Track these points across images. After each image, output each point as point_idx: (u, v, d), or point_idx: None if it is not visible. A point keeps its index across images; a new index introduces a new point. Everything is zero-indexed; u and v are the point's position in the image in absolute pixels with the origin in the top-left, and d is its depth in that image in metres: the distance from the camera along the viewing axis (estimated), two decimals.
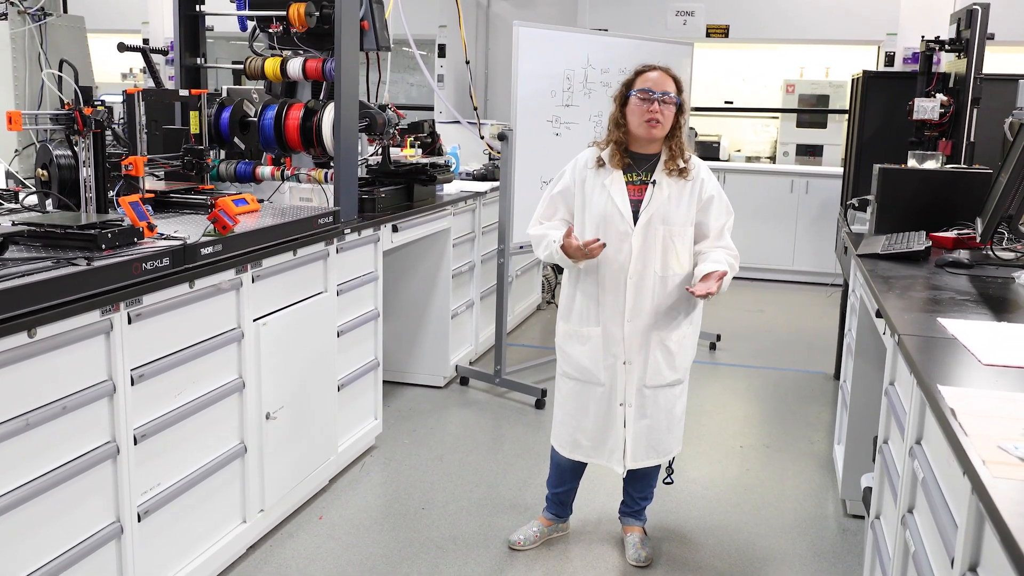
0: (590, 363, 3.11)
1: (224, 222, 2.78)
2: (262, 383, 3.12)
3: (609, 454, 3.14)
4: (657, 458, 3.18)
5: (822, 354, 5.89)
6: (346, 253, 3.67)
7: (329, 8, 3.72)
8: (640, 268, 3.00)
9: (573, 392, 3.17)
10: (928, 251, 3.30)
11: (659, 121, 2.94)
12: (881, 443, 2.68)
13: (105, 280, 2.33)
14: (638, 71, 3.04)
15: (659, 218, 2.99)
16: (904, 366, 2.40)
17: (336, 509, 3.59)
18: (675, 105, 2.98)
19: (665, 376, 3.09)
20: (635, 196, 3.02)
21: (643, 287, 3.01)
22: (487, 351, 5.67)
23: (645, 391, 3.09)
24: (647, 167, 3.03)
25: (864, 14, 8.00)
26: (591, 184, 3.06)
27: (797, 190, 8.22)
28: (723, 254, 3.02)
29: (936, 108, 4.40)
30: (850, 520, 3.63)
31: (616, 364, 3.07)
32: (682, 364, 3.13)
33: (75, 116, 2.57)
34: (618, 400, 3.10)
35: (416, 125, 4.83)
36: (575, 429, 3.18)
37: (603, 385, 3.10)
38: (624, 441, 3.11)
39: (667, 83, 2.98)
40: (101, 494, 2.44)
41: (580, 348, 3.13)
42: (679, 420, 3.19)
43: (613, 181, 3.02)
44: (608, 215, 3.01)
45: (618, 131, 3.03)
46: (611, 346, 3.07)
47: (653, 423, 3.12)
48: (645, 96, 2.95)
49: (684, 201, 3.01)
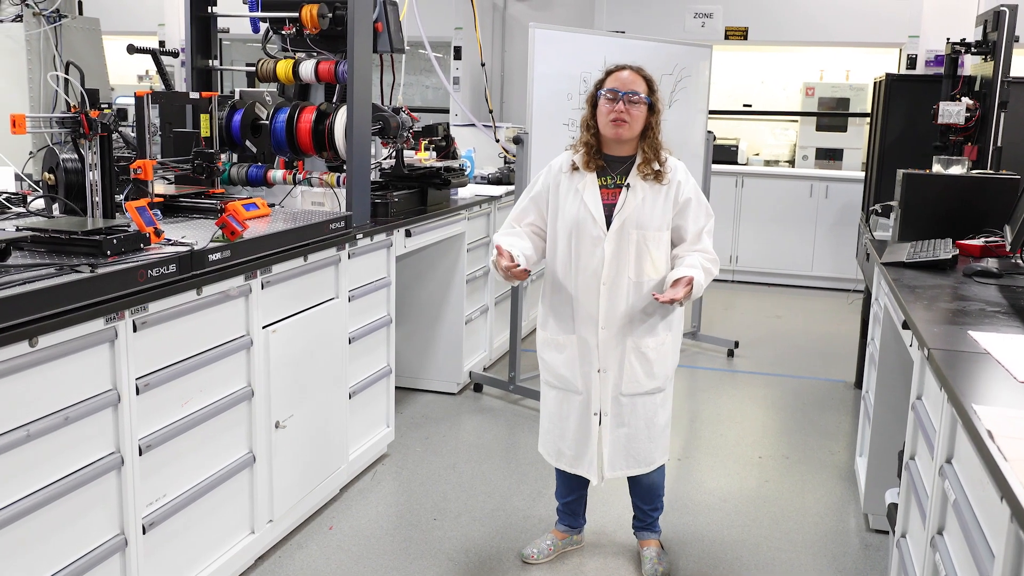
0: (567, 371, 3.04)
1: (232, 228, 2.73)
2: (271, 391, 3.06)
3: (588, 465, 3.07)
4: (638, 467, 3.09)
5: (842, 362, 5.80)
6: (358, 258, 3.61)
7: (342, 10, 3.67)
8: (613, 274, 2.92)
9: (555, 400, 3.11)
10: (955, 260, 3.21)
11: (625, 121, 2.86)
12: (908, 459, 2.59)
13: (110, 287, 2.28)
14: (608, 71, 2.97)
15: (632, 222, 2.91)
16: (933, 381, 2.31)
17: (346, 519, 3.52)
18: (645, 105, 2.89)
19: (643, 384, 3.01)
20: (608, 200, 2.94)
21: (616, 293, 2.94)
22: (500, 357, 5.60)
23: (622, 399, 3.01)
24: (621, 170, 2.96)
25: (885, 16, 7.88)
26: (565, 188, 2.99)
27: (816, 194, 8.11)
28: (698, 258, 2.93)
29: (962, 112, 4.29)
30: (873, 535, 3.53)
31: (591, 372, 3.00)
32: (661, 372, 3.04)
33: (81, 119, 2.51)
34: (593, 409, 3.02)
35: (431, 128, 4.77)
36: (558, 438, 3.12)
37: (580, 393, 3.03)
38: (599, 451, 3.04)
39: (636, 83, 2.89)
40: (105, 506, 2.39)
41: (558, 356, 3.06)
42: (662, 430, 3.10)
43: (586, 185, 2.94)
44: (580, 220, 2.93)
45: (587, 133, 2.96)
46: (586, 354, 3.00)
47: (632, 432, 3.04)
48: (612, 96, 2.88)
49: (659, 205, 2.93)
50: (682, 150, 3.04)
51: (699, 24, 8.23)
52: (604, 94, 2.90)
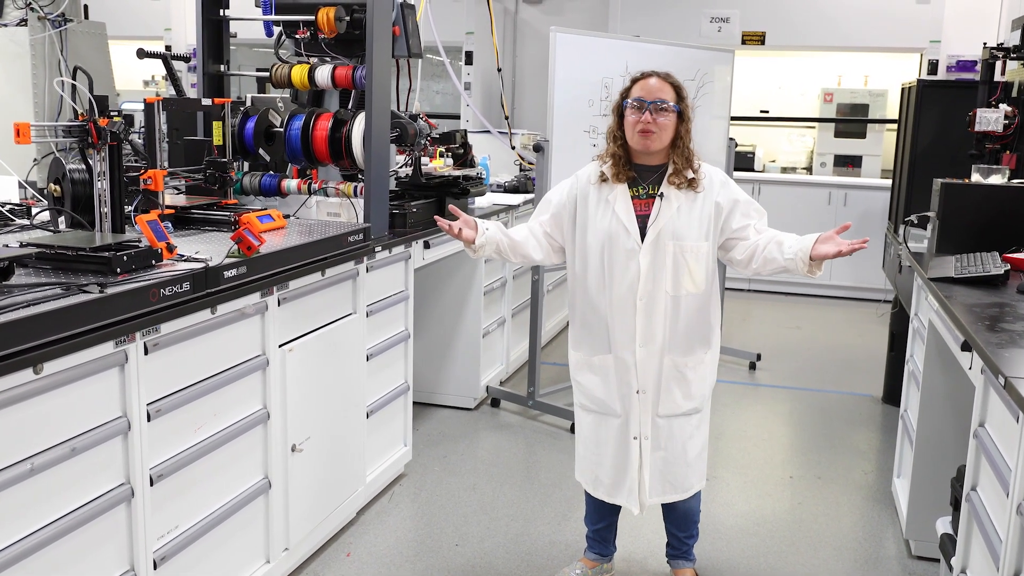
0: (604, 394, 2.88)
1: (249, 242, 2.58)
2: (288, 413, 2.91)
3: (627, 493, 2.90)
4: (675, 494, 2.92)
5: (867, 375, 5.63)
6: (376, 272, 3.46)
7: (360, 13, 3.52)
8: (650, 288, 2.76)
9: (592, 425, 2.94)
10: (1007, 275, 3.05)
11: (652, 132, 2.70)
12: (968, 490, 2.43)
13: (120, 308, 2.13)
14: (634, 78, 2.80)
15: (668, 233, 2.74)
16: (1001, 408, 2.16)
17: (364, 545, 3.37)
18: (673, 113, 2.73)
19: (680, 405, 2.85)
20: (642, 211, 2.77)
21: (654, 309, 2.77)
22: (517, 370, 5.45)
23: (659, 421, 2.85)
24: (653, 179, 2.79)
25: (906, 20, 7.73)
26: (594, 200, 2.82)
27: (835, 202, 7.96)
28: (785, 234, 2.74)
29: (1000, 119, 4.13)
30: (915, 563, 3.37)
31: (630, 394, 2.83)
32: (699, 392, 2.87)
33: (89, 128, 2.36)
34: (632, 433, 2.86)
35: (447, 135, 4.62)
36: (595, 465, 2.95)
37: (619, 416, 2.87)
38: (639, 477, 2.88)
39: (663, 90, 2.73)
40: (114, 541, 2.23)
41: (593, 378, 2.90)
42: (699, 453, 2.93)
43: (617, 196, 2.78)
44: (613, 232, 2.77)
45: (615, 144, 2.80)
46: (624, 374, 2.83)
47: (668, 455, 2.87)
48: (638, 105, 2.72)
49: (696, 214, 2.76)
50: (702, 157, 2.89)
51: (715, 29, 8.08)
52: (630, 103, 2.74)
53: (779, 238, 2.74)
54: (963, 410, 2.78)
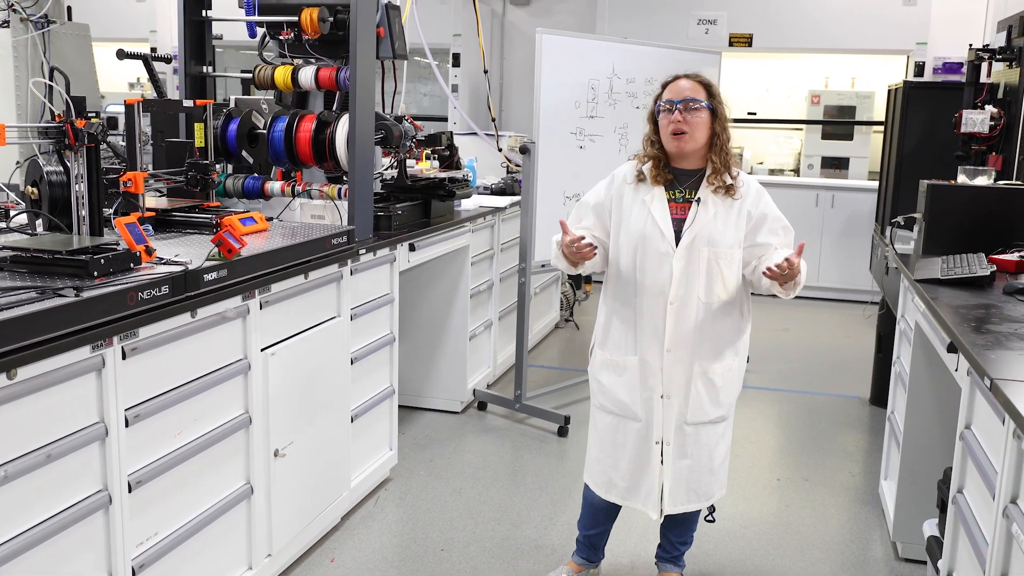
0: (626, 396, 2.85)
1: (230, 245, 2.54)
2: (270, 417, 2.88)
3: (645, 497, 2.88)
4: (698, 502, 2.90)
5: (854, 377, 5.63)
6: (360, 275, 3.43)
7: (344, 14, 3.49)
8: (682, 293, 2.74)
9: (609, 427, 2.91)
10: (993, 276, 3.04)
11: (684, 131, 2.68)
12: (955, 492, 2.42)
13: (96, 312, 2.09)
14: (664, 83, 2.79)
15: (703, 239, 2.72)
16: (987, 411, 2.15)
17: (348, 551, 3.33)
18: (706, 111, 2.70)
19: (708, 412, 2.83)
20: (677, 215, 2.75)
21: (685, 314, 2.75)
22: (505, 373, 5.42)
23: (686, 428, 2.82)
24: (690, 183, 2.77)
25: (892, 23, 7.74)
26: (629, 200, 2.80)
27: (823, 204, 7.96)
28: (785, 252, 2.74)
29: (986, 121, 4.13)
30: (903, 565, 3.36)
31: (653, 398, 2.81)
32: (727, 399, 2.86)
33: (66, 129, 2.33)
34: (655, 438, 2.83)
35: (433, 137, 4.59)
36: (610, 467, 2.92)
37: (640, 420, 2.84)
38: (661, 483, 2.85)
39: (692, 90, 2.71)
40: (91, 549, 2.20)
41: (616, 379, 2.86)
42: (723, 460, 2.92)
43: (654, 198, 2.76)
44: (647, 234, 2.75)
45: (652, 149, 2.79)
46: (648, 378, 2.80)
47: (694, 463, 2.85)
48: (668, 107, 2.70)
49: (732, 221, 2.75)
50: None
51: (703, 31, 8.08)
52: (662, 106, 2.72)
53: (781, 252, 2.72)
54: (950, 412, 2.77)
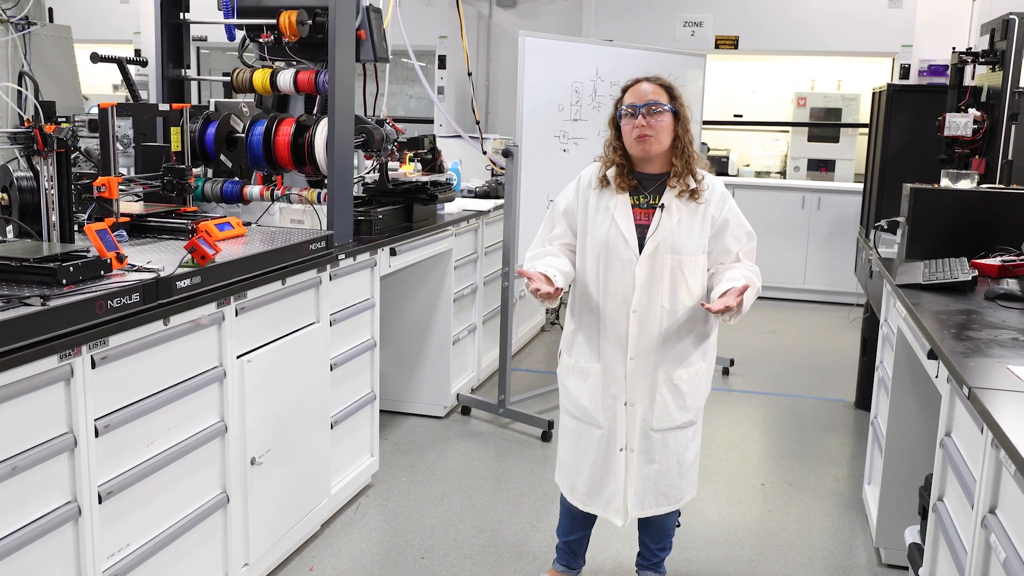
0: (589, 402, 2.83)
1: (203, 251, 2.51)
2: (246, 425, 2.84)
3: (606, 504, 2.86)
4: (668, 505, 2.88)
5: (839, 380, 5.62)
6: (340, 280, 3.40)
7: (323, 16, 3.46)
8: (645, 301, 2.72)
9: (573, 432, 2.90)
10: (975, 281, 3.03)
11: (649, 135, 2.66)
12: (935, 499, 2.41)
13: (64, 321, 2.05)
14: (624, 86, 2.76)
15: (667, 246, 2.70)
16: (966, 419, 2.13)
17: (328, 559, 3.30)
18: (669, 114, 2.68)
19: (675, 418, 2.81)
20: (642, 220, 2.73)
21: (648, 322, 2.73)
22: (489, 377, 5.39)
23: (653, 435, 2.80)
24: (655, 188, 2.75)
25: (878, 25, 7.74)
26: (594, 206, 2.78)
27: (809, 206, 7.96)
28: (741, 270, 2.72)
29: (969, 124, 4.13)
30: (886, 571, 3.34)
31: (616, 405, 2.79)
32: (694, 404, 2.84)
33: (35, 134, 2.29)
34: (618, 445, 2.81)
35: (416, 140, 4.56)
36: (574, 472, 2.91)
37: (601, 428, 2.82)
38: (624, 490, 2.84)
39: (655, 93, 2.69)
40: (60, 561, 2.16)
41: (581, 385, 2.85)
42: (692, 464, 2.90)
43: (618, 204, 2.74)
44: (611, 242, 2.73)
45: (615, 155, 2.76)
46: (611, 385, 2.79)
47: (663, 468, 2.83)
48: (631, 111, 2.68)
49: (696, 227, 2.72)
50: None
51: (689, 33, 8.07)
52: (624, 111, 2.70)
53: (732, 275, 2.69)
54: (932, 417, 2.75)
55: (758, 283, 2.73)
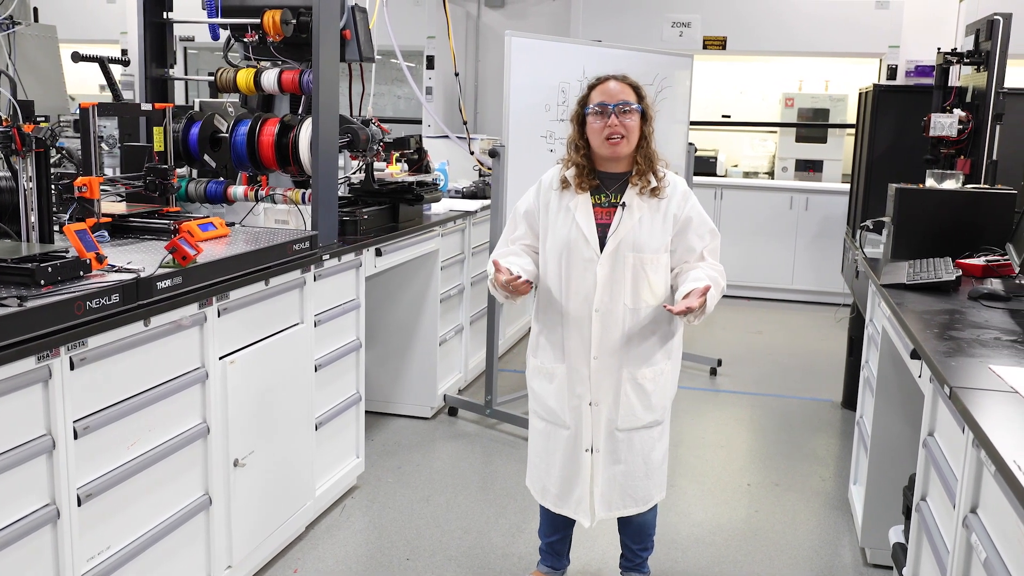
0: (555, 403, 2.83)
1: (184, 251, 2.49)
2: (229, 427, 2.82)
3: (576, 505, 2.85)
4: (636, 506, 2.87)
5: (827, 380, 5.63)
6: (325, 280, 3.38)
7: (307, 16, 3.44)
8: (607, 300, 2.71)
9: (542, 434, 2.90)
10: (959, 281, 3.03)
11: (622, 135, 2.66)
12: (918, 499, 2.41)
13: (41, 322, 2.04)
14: (591, 84, 2.76)
15: (628, 244, 2.69)
16: (949, 419, 2.13)
17: (313, 561, 3.28)
18: (637, 114, 2.69)
19: (640, 417, 2.80)
20: (603, 220, 2.72)
21: (611, 321, 2.72)
22: (476, 378, 5.38)
23: (618, 434, 2.80)
24: (616, 187, 2.74)
25: (865, 26, 7.76)
26: (555, 207, 2.77)
27: (797, 207, 7.97)
28: (705, 270, 2.71)
29: (954, 124, 4.13)
30: (871, 571, 3.35)
31: (581, 405, 2.79)
32: (659, 403, 2.83)
33: (12, 134, 2.27)
34: (584, 446, 2.80)
35: (402, 140, 4.55)
36: (544, 474, 2.91)
37: (568, 428, 2.82)
38: (591, 491, 2.83)
39: (624, 92, 2.69)
40: (38, 565, 2.14)
41: (547, 386, 2.85)
42: (659, 465, 2.89)
43: (578, 204, 2.73)
44: (572, 241, 2.72)
45: (578, 155, 2.75)
46: (576, 385, 2.78)
47: (628, 468, 2.82)
48: (601, 110, 2.67)
49: (658, 224, 2.72)
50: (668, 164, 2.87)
51: (677, 33, 8.07)
52: (592, 109, 2.69)
53: (695, 275, 2.68)
54: (917, 417, 2.74)
55: (722, 282, 2.74)
